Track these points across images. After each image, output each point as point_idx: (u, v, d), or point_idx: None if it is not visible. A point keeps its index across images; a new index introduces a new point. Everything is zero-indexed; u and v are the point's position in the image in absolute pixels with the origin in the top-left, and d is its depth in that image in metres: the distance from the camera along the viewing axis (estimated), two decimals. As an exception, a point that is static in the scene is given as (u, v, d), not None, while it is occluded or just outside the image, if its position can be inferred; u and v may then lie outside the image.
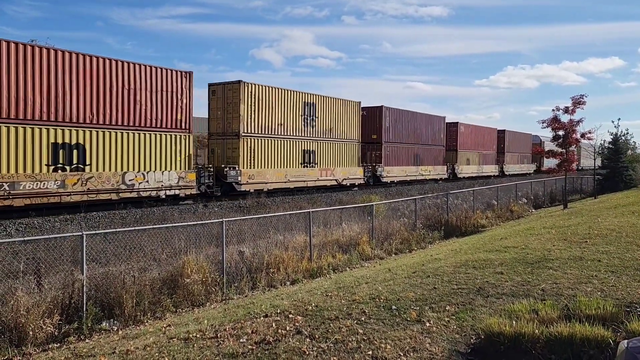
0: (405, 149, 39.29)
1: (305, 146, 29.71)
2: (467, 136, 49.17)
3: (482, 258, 9.86)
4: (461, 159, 47.95)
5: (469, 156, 49.50)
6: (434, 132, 43.34)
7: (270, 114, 27.22)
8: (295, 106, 28.92)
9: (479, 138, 51.87)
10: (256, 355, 5.46)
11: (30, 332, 7.17)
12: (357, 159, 34.14)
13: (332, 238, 13.94)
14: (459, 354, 5.54)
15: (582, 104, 22.76)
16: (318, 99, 30.81)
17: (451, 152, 47.23)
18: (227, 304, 9.09)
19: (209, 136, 27.27)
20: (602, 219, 14.70)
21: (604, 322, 5.76)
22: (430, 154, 42.65)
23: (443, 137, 44.87)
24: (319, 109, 30.77)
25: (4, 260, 9.14)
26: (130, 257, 9.99)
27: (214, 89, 26.75)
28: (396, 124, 38.11)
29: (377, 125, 36.63)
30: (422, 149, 41.59)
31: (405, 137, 39.22)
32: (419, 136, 41.22)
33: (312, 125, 30.20)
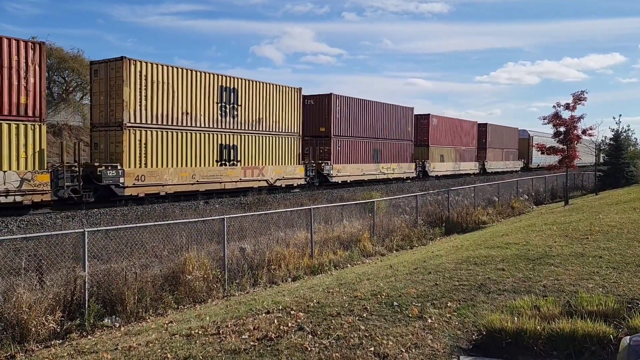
0: (361, 144, 34.30)
1: (224, 140, 24.46)
2: (440, 130, 44.31)
3: (484, 254, 9.86)
4: (433, 156, 43.12)
5: (443, 152, 44.70)
6: (399, 125, 38.28)
7: (171, 99, 21.91)
8: (209, 91, 23.69)
9: (456, 132, 47.10)
10: (258, 352, 5.47)
11: (33, 329, 7.18)
12: (296, 156, 28.89)
13: (333, 234, 13.95)
14: (461, 350, 5.55)
15: (583, 100, 22.70)
16: (242, 84, 25.45)
17: (422, 147, 42.32)
18: (228, 301, 9.10)
19: (91, 127, 22.15)
20: (604, 216, 14.69)
21: (605, 318, 5.77)
22: (394, 149, 37.65)
23: (411, 130, 39.96)
24: (243, 96, 25.44)
25: (5, 257, 9.15)
26: (131, 254, 10.00)
27: (96, 68, 21.55)
28: (350, 114, 33.15)
29: (325, 116, 31.50)
30: (385, 144, 36.53)
31: (361, 130, 34.24)
32: (380, 129, 36.09)
33: (234, 115, 24.94)
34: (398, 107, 38.62)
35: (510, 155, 59.49)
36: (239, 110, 25.35)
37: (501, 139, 56.85)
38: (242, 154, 25.60)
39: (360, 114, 34.28)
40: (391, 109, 37.58)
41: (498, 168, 55.20)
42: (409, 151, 39.90)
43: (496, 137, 55.52)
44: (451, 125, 46.47)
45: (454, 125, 46.95)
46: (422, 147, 42.41)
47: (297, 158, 29.11)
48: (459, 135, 47.52)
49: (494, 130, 55.31)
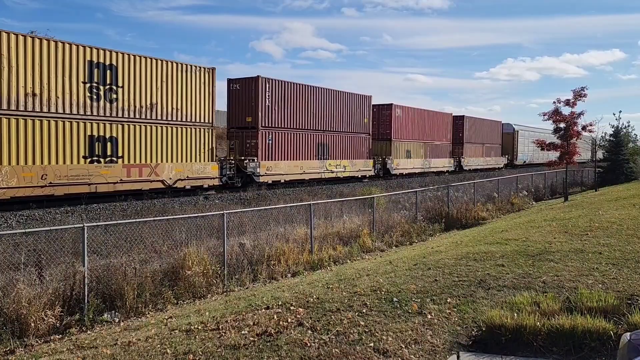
0: (301, 137, 28.95)
1: (96, 131, 19.19)
2: (406, 122, 38.65)
3: (483, 250, 9.85)
4: (397, 151, 37.68)
5: (409, 147, 39.17)
6: (353, 116, 32.97)
7: (6, 75, 16.69)
8: (71, 67, 18.38)
9: (425, 125, 41.48)
10: (258, 347, 5.47)
11: (32, 324, 7.18)
12: (207, 151, 23.53)
13: (333, 230, 13.94)
14: (460, 346, 5.56)
15: (583, 97, 22.69)
16: (123, 60, 20.08)
17: (383, 142, 37.02)
18: (228, 296, 9.10)
19: None
20: (603, 212, 14.69)
21: (605, 314, 5.77)
22: (346, 144, 32.39)
23: (368, 123, 34.42)
24: (125, 75, 20.16)
25: (5, 252, 9.14)
26: (131, 249, 9.99)
27: None
28: (285, 102, 27.85)
29: (252, 104, 26.35)
30: (333, 137, 31.30)
31: (301, 120, 28.89)
32: (328, 120, 30.81)
33: (111, 98, 19.68)
34: (350, 95, 33.06)
35: (492, 151, 53.98)
36: (119, 93, 20.00)
37: (481, 133, 51.34)
38: (124, 148, 20.27)
39: (298, 102, 28.72)
40: (341, 97, 32.13)
41: (477, 165, 49.79)
42: (365, 146, 34.18)
43: (475, 131, 49.97)
44: (420, 117, 40.73)
45: (423, 117, 41.22)
46: (384, 142, 36.98)
47: (209, 154, 23.67)
48: (429, 129, 42.06)
49: (473, 124, 49.87)
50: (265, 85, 26.70)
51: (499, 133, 55.73)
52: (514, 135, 57.58)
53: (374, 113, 35.92)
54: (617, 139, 34.80)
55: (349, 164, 32.57)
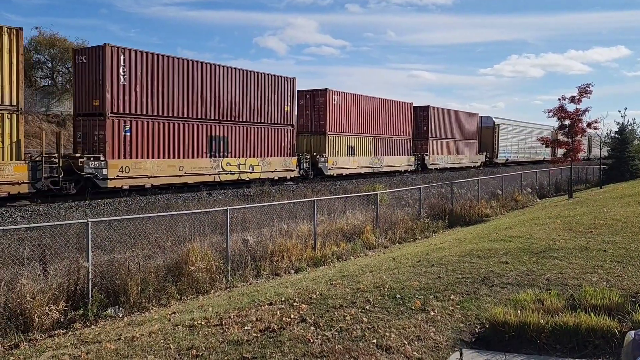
0: (181, 129, 22.14)
1: None
2: (348, 113, 32.22)
3: (487, 247, 9.83)
4: (335, 148, 31.22)
5: (353, 143, 32.80)
6: (267, 103, 26.16)
7: None
8: None
9: (376, 116, 35.03)
10: (261, 343, 5.47)
11: (36, 318, 7.22)
12: (10, 147, 16.60)
13: (336, 227, 13.94)
14: (464, 343, 5.55)
15: (589, 94, 22.55)
16: None
17: (315, 136, 30.73)
18: (231, 292, 9.12)
19: None
20: (608, 209, 14.63)
21: (609, 312, 5.75)
22: (255, 138, 25.80)
23: (290, 111, 27.78)
24: None
25: (10, 246, 9.18)
26: (135, 245, 10.02)
27: None
28: (153, 82, 21.07)
29: (99, 84, 19.78)
30: (234, 129, 24.64)
31: (180, 106, 22.11)
32: (226, 108, 24.20)
33: None
34: (263, 76, 25.99)
35: (466, 148, 47.22)
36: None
37: (452, 126, 44.69)
38: None
39: (178, 82, 21.92)
40: (248, 78, 25.20)
41: (446, 163, 43.34)
42: (286, 140, 27.65)
43: (444, 125, 43.29)
44: (368, 107, 34.21)
45: (372, 107, 34.69)
46: (316, 136, 30.75)
47: (15, 151, 16.79)
48: (382, 121, 35.54)
49: (441, 116, 43.02)
50: (119, 58, 19.88)
51: (475, 127, 48.90)
52: (494, 129, 50.91)
53: (306, 100, 30.50)
54: (623, 136, 34.59)
55: (259, 163, 25.84)
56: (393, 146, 37.13)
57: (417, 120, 40.75)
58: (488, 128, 51.06)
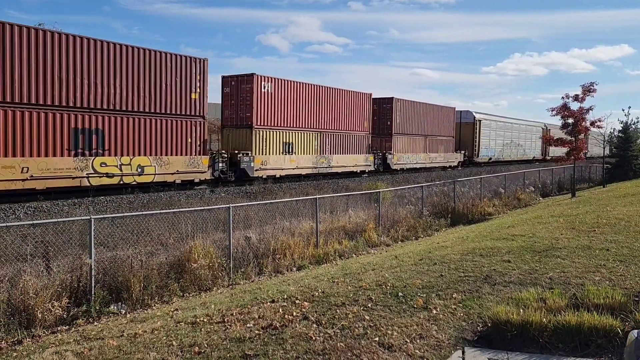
0: (21, 118, 16.96)
1: None
2: (283, 103, 26.94)
3: (489, 246, 9.82)
4: (266, 144, 26.09)
5: (290, 138, 27.58)
6: (163, 89, 20.84)
7: None
8: None
9: (323, 108, 29.66)
10: (263, 340, 5.48)
11: (39, 315, 7.24)
12: None
13: (339, 224, 13.94)
14: (466, 341, 5.55)
15: (593, 92, 22.48)
16: None
17: (240, 130, 25.82)
18: (233, 289, 9.13)
19: None
20: (611, 208, 14.59)
21: (612, 311, 5.74)
22: (146, 132, 20.47)
23: (199, 100, 22.34)
24: None
25: (13, 243, 9.21)
26: (137, 242, 10.04)
27: None
28: None
29: None
30: (114, 120, 19.37)
31: (25, 89, 16.99)
32: (100, 94, 18.87)
33: None
34: (155, 55, 20.67)
35: (441, 146, 41.89)
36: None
37: (423, 122, 39.30)
38: None
39: (15, 58, 16.71)
40: (133, 57, 19.88)
41: (414, 163, 38.18)
42: (194, 136, 22.33)
43: (412, 119, 37.89)
44: (309, 97, 28.80)
45: (315, 97, 29.25)
46: (242, 130, 25.80)
47: None
48: (331, 114, 30.37)
49: (408, 109, 37.48)
50: None
51: (452, 123, 43.49)
52: (475, 125, 45.50)
53: (231, 88, 25.87)
54: (626, 135, 34.50)
55: (152, 163, 20.67)
56: (345, 143, 31.80)
57: (380, 115, 35.65)
58: (468, 124, 45.60)
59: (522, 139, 55.28)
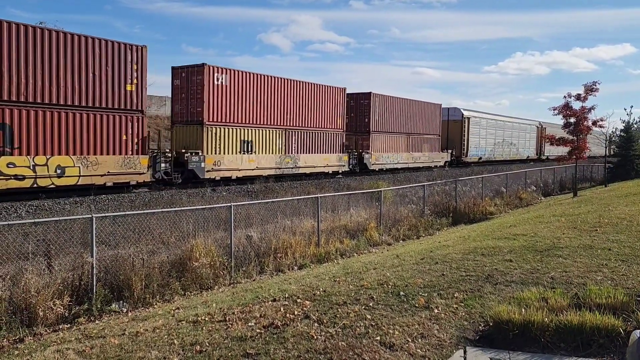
0: None
1: None
2: (238, 96, 24.09)
3: (491, 245, 9.81)
4: (219, 142, 23.29)
5: (249, 136, 24.74)
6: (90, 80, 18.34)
7: None
8: None
9: (286, 103, 26.78)
10: (265, 339, 5.48)
11: (41, 313, 7.25)
12: None
13: (340, 223, 13.94)
14: (467, 340, 5.54)
15: (595, 91, 22.41)
16: None
17: (190, 127, 23.12)
18: (235, 288, 9.13)
19: None
20: (613, 208, 14.57)
21: (614, 311, 5.72)
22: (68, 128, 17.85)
23: (136, 92, 19.79)
24: None
25: (15, 241, 9.22)
26: (139, 240, 10.05)
27: None
28: None
29: None
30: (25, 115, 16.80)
31: None
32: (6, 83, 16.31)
33: None
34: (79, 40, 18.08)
35: (426, 145, 39.22)
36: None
37: (405, 119, 36.54)
38: None
39: None
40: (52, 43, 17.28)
41: (395, 163, 35.38)
42: (130, 132, 19.79)
43: (393, 116, 35.20)
44: (272, 90, 25.98)
45: (279, 91, 26.44)
46: (192, 127, 23.09)
47: None
48: (298, 109, 27.55)
49: (388, 106, 34.73)
50: None
51: (437, 120, 40.69)
52: (463, 123, 42.85)
53: (182, 80, 23.25)
54: (628, 135, 34.44)
55: (76, 163, 18.05)
56: (316, 142, 28.90)
57: (358, 111, 33.15)
58: (456, 122, 42.87)
59: (516, 138, 53.27)
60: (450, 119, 42.97)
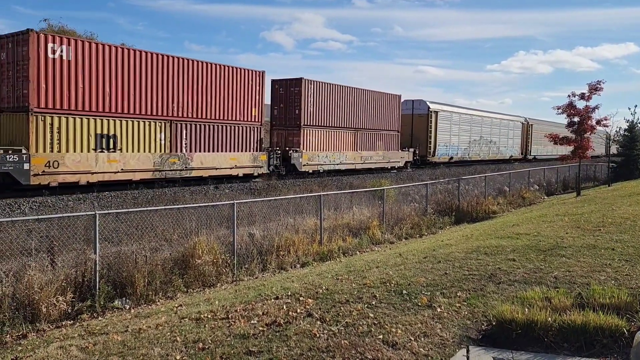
0: None
1: None
2: (92, 78, 18.48)
3: (494, 244, 9.79)
4: (54, 137, 17.48)
5: (109, 129, 19.15)
6: None
7: None
8: None
9: (171, 88, 21.14)
10: (267, 337, 5.48)
11: (44, 309, 7.26)
12: None
13: (343, 222, 13.93)
14: (470, 340, 5.52)
15: (599, 91, 22.32)
16: None
17: (15, 115, 17.46)
18: (237, 285, 9.14)
19: None
20: (617, 207, 14.52)
21: (618, 311, 5.70)
22: None
23: None
24: None
25: (18, 237, 9.24)
26: (142, 237, 10.06)
27: None
28: None
29: None
30: None
31: None
32: None
33: None
34: None
35: (381, 142, 33.58)
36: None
37: (352, 111, 30.80)
38: None
39: None
40: None
41: (338, 164, 29.83)
42: None
43: (334, 108, 29.45)
44: (149, 70, 20.40)
45: (159, 71, 20.73)
46: (16, 116, 17.38)
47: None
48: (188, 96, 21.83)
49: (327, 95, 29.02)
50: None
51: (396, 114, 34.88)
52: (429, 118, 37.53)
53: (7, 55, 17.50)
54: (632, 134, 34.30)
55: None
56: (219, 138, 23.28)
57: (288, 101, 27.59)
58: (421, 116, 37.27)
59: (496, 136, 47.54)
60: (415, 112, 37.43)
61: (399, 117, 35.39)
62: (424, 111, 37.59)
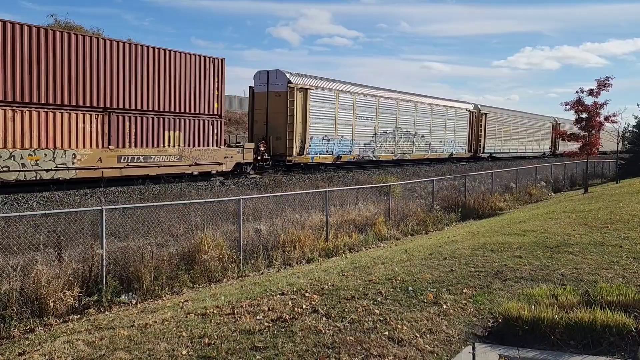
0: None
1: None
2: None
3: (500, 241, 9.75)
4: None
5: None
6: None
7: None
8: None
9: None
10: (273, 333, 5.48)
11: (51, 304, 7.31)
12: None
13: (349, 218, 13.92)
14: (476, 337, 5.51)
15: (608, 87, 22.10)
16: None
17: None
18: (243, 281, 9.16)
19: None
20: (624, 204, 14.41)
21: (625, 309, 5.66)
22: None
23: None
24: None
25: (26, 232, 9.30)
26: (148, 232, 10.10)
27: None
28: None
29: None
30: None
31: None
32: None
33: None
34: None
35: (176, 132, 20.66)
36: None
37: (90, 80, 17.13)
38: None
39: None
40: None
41: None
42: None
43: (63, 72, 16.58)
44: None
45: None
46: None
47: None
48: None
49: None
50: None
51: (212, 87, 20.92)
52: (289, 97, 24.55)
53: None
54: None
55: None
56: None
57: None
58: (278, 95, 24.89)
59: (426, 127, 34.94)
60: (271, 90, 25.04)
61: (220, 94, 21.48)
62: (281, 88, 24.70)
